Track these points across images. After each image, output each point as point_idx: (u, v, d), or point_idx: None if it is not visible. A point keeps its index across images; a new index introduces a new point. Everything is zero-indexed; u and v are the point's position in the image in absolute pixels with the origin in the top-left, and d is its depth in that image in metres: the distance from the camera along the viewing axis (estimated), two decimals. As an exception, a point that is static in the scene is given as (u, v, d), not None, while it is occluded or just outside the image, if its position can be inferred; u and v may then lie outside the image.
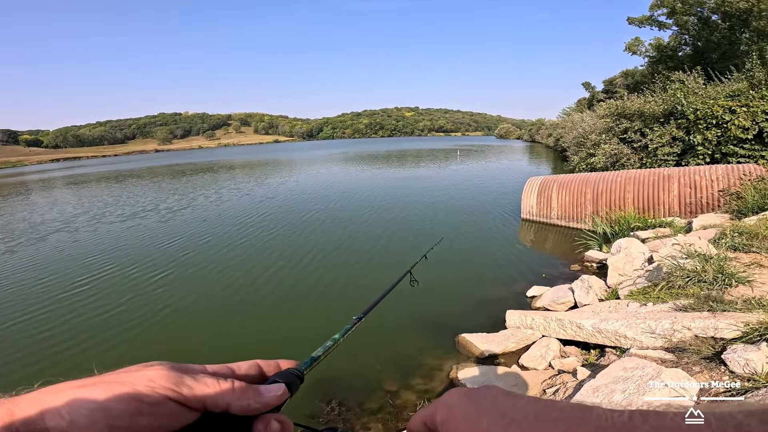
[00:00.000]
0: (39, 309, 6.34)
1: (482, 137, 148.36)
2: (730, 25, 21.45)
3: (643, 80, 25.85)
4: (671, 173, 8.25)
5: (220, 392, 0.39)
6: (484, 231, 9.63)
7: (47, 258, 9.34)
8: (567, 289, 5.22)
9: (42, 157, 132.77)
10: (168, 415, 0.36)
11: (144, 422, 0.35)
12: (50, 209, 17.70)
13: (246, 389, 0.40)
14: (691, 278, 4.00)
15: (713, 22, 22.69)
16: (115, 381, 0.37)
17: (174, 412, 0.37)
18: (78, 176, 40.84)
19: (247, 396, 0.40)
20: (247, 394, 0.40)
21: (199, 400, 0.38)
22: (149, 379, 0.37)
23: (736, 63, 14.76)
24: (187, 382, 0.38)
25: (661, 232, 6.84)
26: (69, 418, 0.34)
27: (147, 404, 0.36)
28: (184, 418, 0.37)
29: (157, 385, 0.37)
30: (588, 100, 44.59)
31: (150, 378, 0.37)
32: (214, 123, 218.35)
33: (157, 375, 0.38)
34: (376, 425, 3.43)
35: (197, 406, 0.38)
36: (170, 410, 0.37)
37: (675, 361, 2.94)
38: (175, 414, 0.37)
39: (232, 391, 0.39)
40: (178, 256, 8.70)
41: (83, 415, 0.34)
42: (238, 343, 5.06)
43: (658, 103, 12.42)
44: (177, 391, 0.37)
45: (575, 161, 16.30)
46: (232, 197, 17.23)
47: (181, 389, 0.37)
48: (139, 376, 0.37)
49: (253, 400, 0.40)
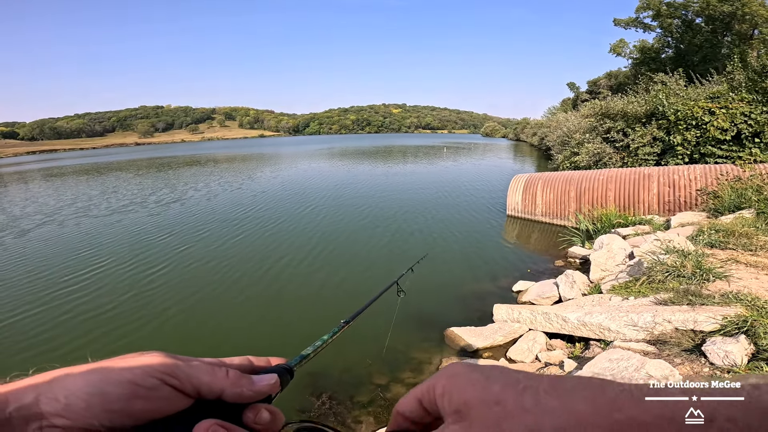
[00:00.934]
0: (30, 308, 6.03)
1: (468, 135, 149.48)
2: (713, 29, 22.07)
3: (626, 81, 26.44)
4: (651, 172, 8.48)
5: (215, 379, 0.39)
6: (470, 227, 9.73)
7: (34, 253, 8.99)
8: (552, 283, 5.34)
9: (18, 150, 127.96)
10: (163, 400, 0.37)
11: (139, 406, 0.35)
12: (31, 202, 17.09)
13: (240, 377, 0.41)
14: (670, 273, 4.13)
15: (697, 25, 23.30)
16: (111, 366, 0.37)
17: (169, 397, 0.37)
18: (56, 169, 39.49)
19: (240, 383, 0.40)
20: (241, 382, 0.40)
21: (193, 386, 0.38)
22: (145, 364, 0.37)
23: (716, 66, 15.19)
24: (182, 368, 0.38)
25: (641, 229, 7.04)
26: (65, 401, 0.34)
27: (143, 388, 0.36)
28: (178, 404, 0.38)
29: (153, 370, 0.37)
30: (572, 100, 45.34)
31: (146, 363, 0.38)
32: (198, 117, 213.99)
33: (153, 361, 0.38)
34: (368, 418, 3.46)
35: (191, 392, 0.38)
36: (165, 395, 0.37)
37: (657, 353, 3.04)
38: (169, 399, 0.37)
39: (226, 378, 0.40)
40: (174, 252, 8.49)
41: (79, 398, 0.34)
42: (237, 340, 4.99)
43: (641, 104, 12.67)
44: (172, 376, 0.37)
45: (559, 160, 16.53)
46: (223, 191, 16.97)
47: (176, 374, 0.38)
48: (135, 361, 0.38)
49: (246, 387, 0.40)
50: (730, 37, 21.48)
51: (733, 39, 20.95)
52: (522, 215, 10.07)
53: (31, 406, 0.34)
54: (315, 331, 2.58)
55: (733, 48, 17.33)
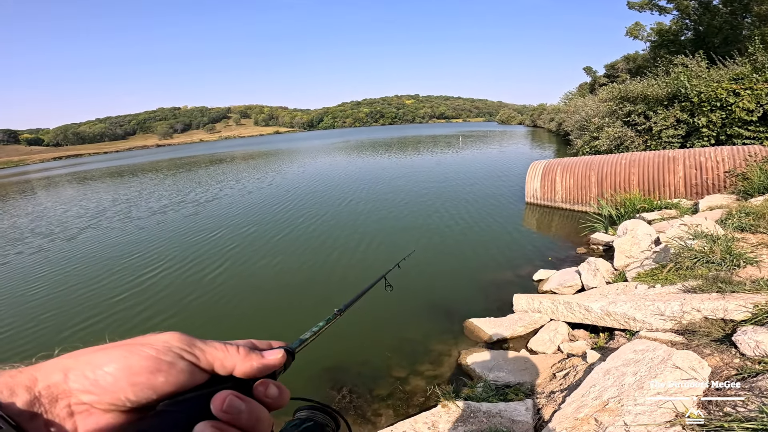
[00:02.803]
0: (88, 319, 5.87)
1: (483, 123, 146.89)
2: (731, 10, 21.07)
3: (645, 64, 25.50)
4: (676, 155, 8.17)
5: (227, 355, 0.42)
6: (488, 216, 9.60)
7: (86, 257, 8.99)
8: (574, 272, 5.21)
9: (44, 156, 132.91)
10: (182, 374, 0.39)
11: (161, 379, 0.37)
12: (73, 206, 17.42)
13: (250, 353, 0.43)
14: (699, 259, 3.97)
15: (714, 7, 22.27)
16: (133, 343, 0.39)
17: (187, 371, 0.39)
18: (84, 173, 40.74)
19: (250, 358, 0.43)
20: (251, 357, 0.43)
21: (209, 362, 0.41)
22: (165, 341, 0.40)
23: (738, 47, 14.64)
24: (198, 344, 0.41)
25: (668, 213, 6.80)
26: (93, 377, 0.36)
27: (164, 362, 0.38)
28: (195, 378, 0.40)
29: (173, 345, 0.40)
30: (590, 85, 44.41)
31: (165, 340, 0.40)
32: (214, 116, 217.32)
33: (171, 338, 0.41)
34: (387, 411, 3.47)
35: (207, 367, 0.41)
36: (184, 369, 0.39)
37: (685, 343, 2.93)
38: (188, 373, 0.39)
39: (237, 354, 0.42)
40: (226, 250, 8.45)
41: (106, 372, 0.36)
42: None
43: (662, 87, 12.37)
44: (190, 352, 0.40)
45: (578, 145, 16.20)
46: (256, 188, 17.09)
47: (193, 350, 0.41)
48: (155, 339, 0.40)
49: (255, 361, 0.43)
50: (750, 18, 20.39)
51: (753, 20, 19.90)
52: (541, 202, 9.88)
53: (59, 384, 0.36)
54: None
55: (754, 29, 16.68)
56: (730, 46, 18.40)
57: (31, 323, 5.88)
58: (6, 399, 0.34)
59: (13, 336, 5.57)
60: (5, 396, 0.34)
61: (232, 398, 0.39)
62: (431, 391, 3.55)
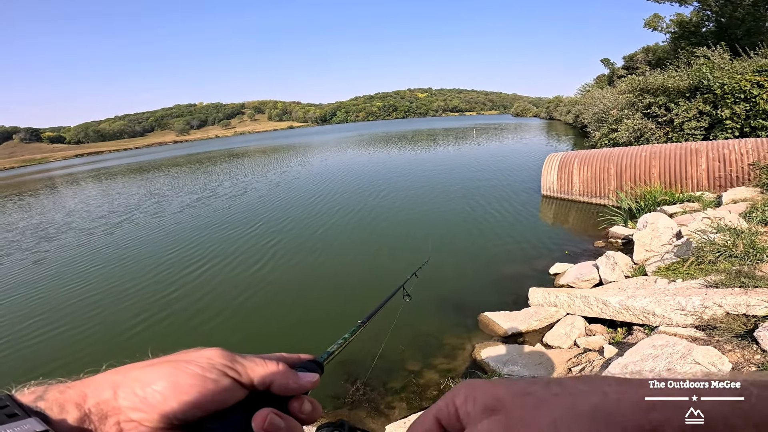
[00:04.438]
0: (146, 318, 5.74)
1: (498, 116, 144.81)
2: (754, 2, 20.23)
3: (665, 56, 24.76)
4: (699, 147, 7.94)
5: (267, 371, 0.42)
6: (503, 208, 9.52)
7: (129, 251, 8.93)
8: (591, 265, 5.14)
9: (66, 153, 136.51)
10: (226, 391, 0.39)
11: (207, 397, 0.38)
12: (104, 201, 17.56)
13: (287, 371, 0.44)
14: (721, 253, 3.87)
15: None
16: (178, 360, 0.40)
17: (230, 388, 0.40)
18: (106, 169, 41.47)
19: (288, 377, 0.43)
20: (288, 376, 0.44)
21: (249, 378, 0.41)
22: (208, 357, 0.40)
23: (762, 39, 14.12)
24: (239, 360, 0.42)
25: (690, 206, 6.62)
26: (142, 394, 0.36)
27: (209, 380, 0.38)
28: (237, 395, 0.40)
29: (216, 362, 0.40)
30: (608, 77, 43.45)
31: (209, 357, 0.40)
32: (229, 112, 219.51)
33: (214, 354, 0.41)
34: (401, 404, 3.49)
35: (248, 384, 0.41)
36: (227, 386, 0.39)
37: (706, 339, 2.87)
38: (231, 390, 0.40)
39: (277, 371, 0.43)
40: (269, 246, 8.29)
41: (155, 390, 0.37)
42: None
43: (683, 78, 12.06)
44: (233, 368, 0.41)
45: (597, 137, 15.91)
46: (283, 180, 17.28)
47: (236, 366, 0.41)
48: (198, 355, 0.41)
49: (292, 381, 0.44)
50: (773, 10, 19.59)
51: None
52: (558, 195, 9.74)
53: (109, 401, 0.36)
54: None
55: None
56: (754, 37, 17.81)
57: (86, 323, 5.71)
58: (56, 416, 0.34)
59: (71, 336, 5.38)
60: (55, 413, 0.34)
61: (273, 416, 0.39)
62: (445, 384, 3.57)
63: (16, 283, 7.76)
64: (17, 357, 5.04)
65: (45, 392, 0.35)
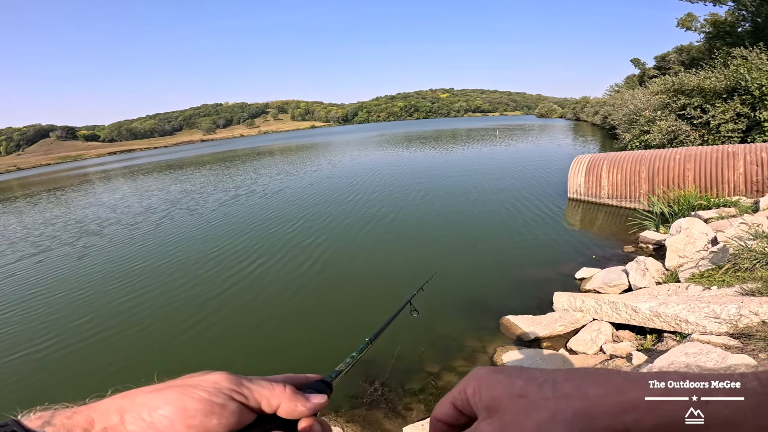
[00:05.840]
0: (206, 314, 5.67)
1: (521, 116, 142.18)
2: None
3: (700, 56, 23.83)
4: (736, 150, 7.58)
5: (274, 394, 0.42)
6: (527, 210, 9.34)
7: (176, 246, 8.96)
8: (620, 271, 4.99)
9: (100, 151, 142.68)
10: (233, 415, 0.39)
11: (214, 421, 0.37)
12: (143, 198, 17.84)
13: (296, 394, 0.44)
14: (759, 260, 3.70)
15: None
16: (184, 384, 0.39)
17: (238, 412, 0.39)
18: (138, 167, 42.81)
19: (296, 400, 0.43)
20: (297, 398, 0.43)
21: (257, 401, 0.41)
22: (214, 381, 0.40)
23: None
24: (246, 384, 0.41)
25: (726, 211, 6.34)
26: (149, 419, 0.36)
27: (216, 405, 0.38)
28: (245, 419, 0.40)
29: (223, 387, 0.40)
30: (638, 77, 42.08)
31: (215, 381, 0.40)
32: (253, 111, 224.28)
33: (220, 378, 0.41)
34: (418, 406, 3.46)
35: (255, 407, 0.41)
36: (235, 410, 0.39)
37: (740, 347, 2.76)
38: (238, 414, 0.39)
39: (284, 394, 0.42)
40: (314, 244, 8.18)
41: (162, 415, 0.36)
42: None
43: (720, 79, 11.59)
44: (240, 392, 0.40)
45: (627, 139, 15.45)
46: (318, 179, 17.35)
47: (242, 390, 0.41)
48: (204, 379, 0.40)
49: (300, 404, 0.43)
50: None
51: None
52: (585, 198, 9.49)
53: (116, 426, 0.36)
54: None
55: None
56: (793, 39, 16.84)
57: (136, 325, 5.55)
58: None
59: (122, 339, 5.25)
60: None
61: None
62: (464, 389, 3.51)
63: (61, 279, 7.82)
64: (74, 359, 4.90)
65: (52, 417, 0.35)
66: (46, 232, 12.72)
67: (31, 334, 5.65)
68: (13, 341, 5.52)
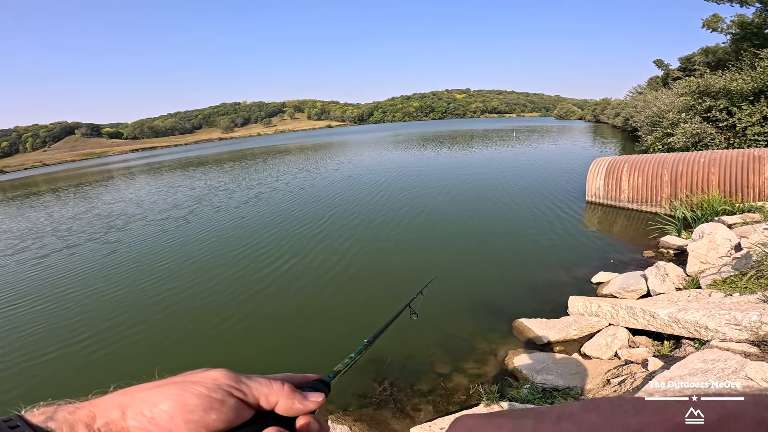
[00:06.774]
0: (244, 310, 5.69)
1: (539, 118, 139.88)
2: None
3: (726, 58, 23.09)
4: (763, 154, 7.31)
5: (272, 391, 0.43)
6: (544, 213, 9.23)
7: (195, 249, 8.87)
8: (639, 275, 4.89)
9: (123, 148, 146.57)
10: (232, 411, 0.40)
11: (213, 417, 0.38)
12: (169, 194, 18.09)
13: (293, 391, 0.44)
14: (785, 268, 3.56)
15: None
16: (184, 381, 0.40)
17: (236, 408, 0.40)
18: (160, 164, 43.72)
19: (294, 397, 0.44)
20: (294, 396, 0.44)
21: (255, 398, 0.42)
22: (214, 378, 0.41)
23: None
24: (244, 381, 0.42)
25: (751, 217, 6.13)
26: (150, 414, 0.37)
27: (215, 400, 0.39)
28: (244, 415, 0.41)
29: (222, 383, 0.41)
30: (662, 78, 40.95)
31: (214, 377, 0.41)
32: (270, 111, 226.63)
33: (219, 375, 0.42)
34: (427, 407, 3.45)
35: (254, 404, 0.42)
36: (233, 406, 0.40)
37: (760, 354, 2.69)
38: (237, 410, 0.40)
39: (282, 391, 0.43)
40: (345, 245, 8.13)
41: (162, 410, 0.37)
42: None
43: (747, 81, 11.20)
44: (238, 389, 0.41)
45: (649, 141, 15.08)
46: (339, 178, 17.48)
47: (241, 387, 0.42)
48: (204, 376, 0.42)
49: (298, 401, 0.44)
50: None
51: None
52: (604, 201, 9.30)
53: (118, 421, 0.37)
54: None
55: None
56: (821, 40, 16.18)
57: (166, 323, 5.59)
58: None
59: (151, 336, 5.30)
60: None
61: None
62: (474, 389, 3.49)
63: (92, 276, 7.88)
64: (110, 358, 4.90)
65: (55, 413, 0.36)
66: (73, 227, 13.04)
67: (68, 330, 5.68)
68: (49, 337, 5.57)
